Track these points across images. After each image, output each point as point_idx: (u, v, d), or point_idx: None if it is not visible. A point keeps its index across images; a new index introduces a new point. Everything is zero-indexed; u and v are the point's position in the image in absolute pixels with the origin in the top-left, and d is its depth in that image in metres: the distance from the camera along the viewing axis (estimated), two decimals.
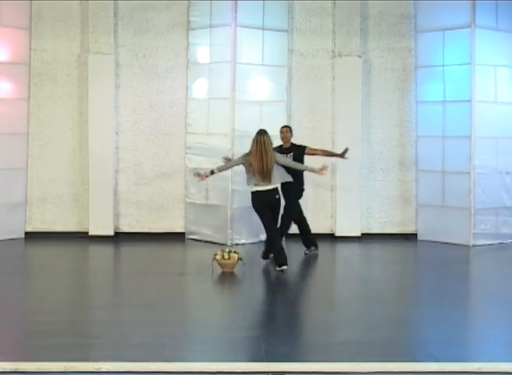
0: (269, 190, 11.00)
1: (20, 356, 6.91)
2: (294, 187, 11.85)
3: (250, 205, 12.19)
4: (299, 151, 12.10)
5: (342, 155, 12.30)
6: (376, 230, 14.18)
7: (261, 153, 10.90)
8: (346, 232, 13.88)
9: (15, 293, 9.69)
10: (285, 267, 10.80)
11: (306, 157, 12.09)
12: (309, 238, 12.51)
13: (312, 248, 12.45)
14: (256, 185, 11.01)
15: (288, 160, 11.59)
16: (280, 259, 10.88)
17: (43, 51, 13.88)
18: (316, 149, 12.38)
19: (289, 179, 11.38)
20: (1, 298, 9.23)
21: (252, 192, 11.08)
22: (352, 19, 13.93)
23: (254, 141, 11.06)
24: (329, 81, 14.09)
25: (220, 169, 11.45)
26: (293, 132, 13.50)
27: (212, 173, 11.34)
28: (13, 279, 10.52)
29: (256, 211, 11.22)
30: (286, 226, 12.29)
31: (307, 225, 12.52)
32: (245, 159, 11.09)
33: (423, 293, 10.01)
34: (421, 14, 13.95)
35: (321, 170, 11.29)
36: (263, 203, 11.07)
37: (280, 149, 11.98)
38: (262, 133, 11.06)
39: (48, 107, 13.93)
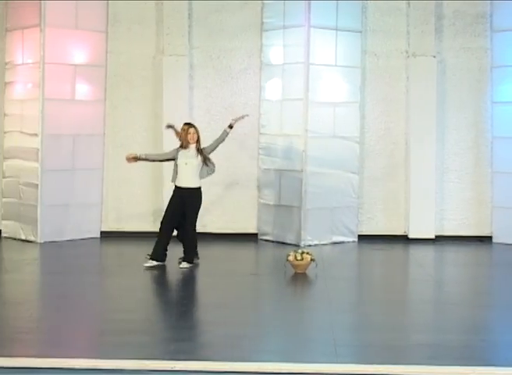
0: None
1: (96, 354, 7.04)
2: None
3: (323, 205, 12.21)
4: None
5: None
6: (450, 232, 14.01)
7: None
8: (419, 234, 13.74)
9: (91, 291, 9.86)
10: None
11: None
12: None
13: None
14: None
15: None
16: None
17: (119, 54, 14.09)
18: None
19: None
20: (77, 297, 9.40)
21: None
22: (426, 19, 13.81)
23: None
24: (403, 82, 13.99)
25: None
26: (367, 133, 13.54)
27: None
28: (89, 278, 10.69)
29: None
30: None
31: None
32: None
33: (499, 296, 9.86)
34: (497, 13, 13.74)
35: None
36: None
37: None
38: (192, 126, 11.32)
39: (123, 108, 14.14)
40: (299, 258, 10.67)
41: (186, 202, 11.21)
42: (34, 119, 13.33)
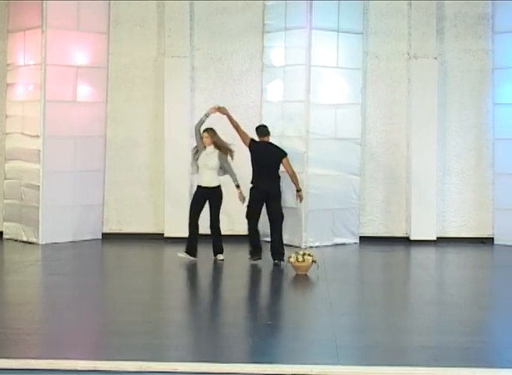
0: None
1: (98, 355, 7.03)
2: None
3: (325, 207, 12.21)
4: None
5: None
6: (452, 233, 14.00)
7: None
8: (421, 236, 13.73)
9: (92, 293, 9.86)
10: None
11: None
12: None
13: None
14: None
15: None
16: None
17: (120, 55, 14.09)
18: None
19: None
20: (78, 298, 9.39)
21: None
22: (428, 21, 13.80)
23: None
24: (405, 84, 13.98)
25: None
26: (368, 135, 13.62)
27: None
28: (90, 279, 10.71)
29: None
30: None
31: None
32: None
33: (500, 298, 9.86)
34: (498, 15, 13.74)
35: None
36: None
37: None
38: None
39: (124, 110, 14.14)
40: (300, 259, 10.68)
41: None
42: (36, 121, 13.34)
